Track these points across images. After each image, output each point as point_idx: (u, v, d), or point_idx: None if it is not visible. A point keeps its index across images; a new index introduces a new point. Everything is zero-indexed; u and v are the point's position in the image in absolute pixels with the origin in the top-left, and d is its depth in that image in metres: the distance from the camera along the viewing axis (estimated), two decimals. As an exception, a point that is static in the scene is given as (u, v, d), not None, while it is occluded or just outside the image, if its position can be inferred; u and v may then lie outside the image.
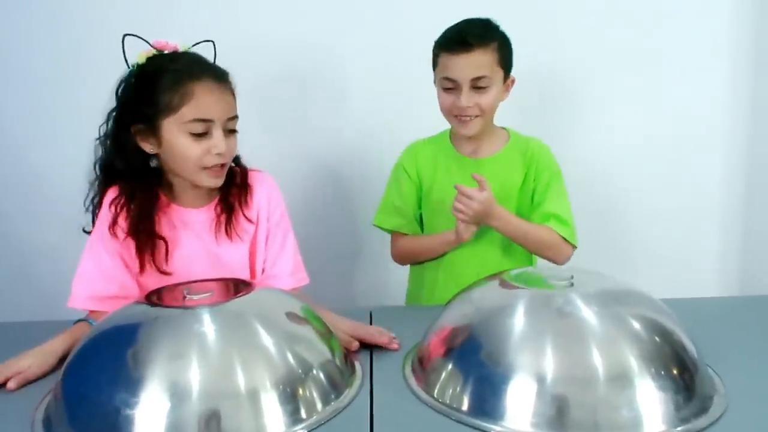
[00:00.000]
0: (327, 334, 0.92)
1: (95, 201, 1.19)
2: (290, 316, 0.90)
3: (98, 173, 1.18)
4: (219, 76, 1.12)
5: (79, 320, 1.10)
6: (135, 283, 1.15)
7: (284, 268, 1.25)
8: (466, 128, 1.35)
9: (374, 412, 0.83)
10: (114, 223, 1.13)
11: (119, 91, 1.13)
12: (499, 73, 1.33)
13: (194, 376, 0.76)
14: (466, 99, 1.30)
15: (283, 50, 1.80)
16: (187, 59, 1.13)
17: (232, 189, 1.21)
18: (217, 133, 1.10)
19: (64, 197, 1.77)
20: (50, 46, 1.82)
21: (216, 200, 1.21)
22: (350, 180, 1.93)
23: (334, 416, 0.82)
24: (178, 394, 0.75)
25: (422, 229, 1.48)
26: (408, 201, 1.44)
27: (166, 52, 1.13)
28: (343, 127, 1.89)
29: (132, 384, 0.76)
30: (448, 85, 1.32)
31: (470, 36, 1.28)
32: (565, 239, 1.36)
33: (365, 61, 1.84)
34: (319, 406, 0.82)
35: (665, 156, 1.92)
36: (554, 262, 1.39)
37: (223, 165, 1.14)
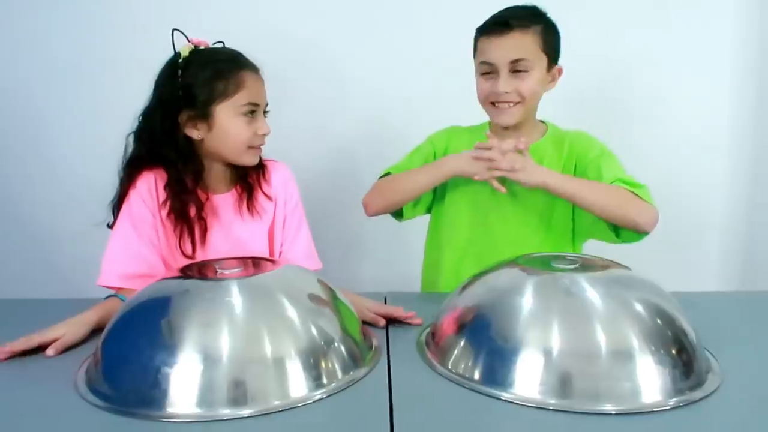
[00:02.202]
0: (347, 311, 0.98)
1: (124, 186, 1.25)
2: (313, 291, 0.95)
3: (131, 162, 1.24)
4: (256, 68, 1.24)
5: (109, 296, 1.16)
6: (162, 263, 1.22)
7: (299, 252, 1.32)
8: (504, 116, 1.26)
9: (392, 381, 0.89)
10: (155, 203, 1.21)
11: (161, 82, 1.21)
12: (543, 59, 1.24)
13: (224, 343, 0.82)
14: (504, 84, 1.22)
15: (285, 48, 1.87)
16: (231, 52, 1.23)
17: (250, 171, 1.30)
18: (261, 117, 1.24)
19: (84, 188, 1.84)
20: (74, 44, 1.90)
21: (237, 184, 1.30)
22: (351, 174, 1.99)
23: (355, 383, 0.88)
24: (210, 358, 0.81)
25: (436, 217, 1.44)
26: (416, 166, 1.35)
27: (201, 47, 1.21)
28: (345, 123, 1.97)
29: (168, 349, 0.82)
30: (486, 70, 1.25)
31: (510, 18, 1.22)
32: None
33: (367, 58, 1.91)
34: (339, 374, 0.88)
35: (668, 153, 1.97)
36: (639, 226, 1.17)
37: (261, 145, 1.25)
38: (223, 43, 1.26)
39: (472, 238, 1.37)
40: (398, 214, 1.39)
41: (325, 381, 0.86)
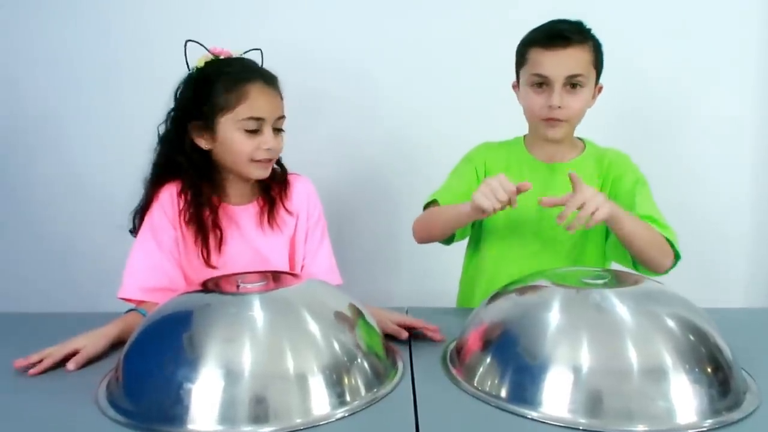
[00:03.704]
0: (370, 326, 0.96)
1: (147, 197, 1.26)
2: (336, 306, 0.94)
3: (153, 170, 1.26)
4: (269, 80, 1.22)
5: (129, 310, 1.15)
6: (182, 277, 1.21)
7: (320, 266, 1.32)
8: (554, 131, 1.26)
9: (417, 398, 0.87)
10: (176, 215, 1.21)
11: (178, 92, 1.23)
12: (593, 75, 1.25)
13: (246, 358, 0.81)
14: (559, 98, 1.21)
15: (313, 62, 1.87)
16: (241, 64, 1.23)
17: (273, 184, 1.30)
18: (267, 131, 1.21)
19: (107, 200, 1.86)
20: (99, 55, 1.92)
21: (259, 196, 1.30)
22: (378, 187, 1.99)
23: (378, 401, 0.86)
24: (232, 373, 0.80)
25: (477, 234, 1.42)
26: (463, 187, 1.32)
27: (222, 57, 1.22)
28: (373, 136, 1.96)
29: (189, 364, 0.80)
30: (538, 82, 1.24)
31: (567, 31, 1.21)
32: (669, 243, 1.18)
33: (395, 73, 1.91)
34: (362, 391, 0.86)
35: (692, 165, 1.93)
36: (657, 268, 1.20)
37: (270, 159, 1.23)
38: (261, 50, 1.26)
39: (510, 256, 1.35)
40: (448, 239, 1.36)
41: (348, 398, 0.84)
